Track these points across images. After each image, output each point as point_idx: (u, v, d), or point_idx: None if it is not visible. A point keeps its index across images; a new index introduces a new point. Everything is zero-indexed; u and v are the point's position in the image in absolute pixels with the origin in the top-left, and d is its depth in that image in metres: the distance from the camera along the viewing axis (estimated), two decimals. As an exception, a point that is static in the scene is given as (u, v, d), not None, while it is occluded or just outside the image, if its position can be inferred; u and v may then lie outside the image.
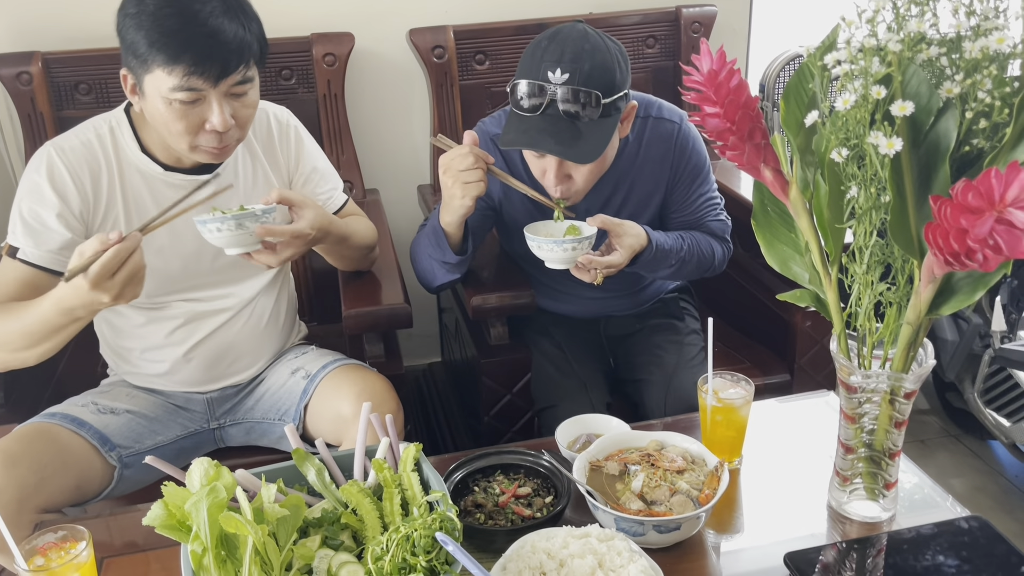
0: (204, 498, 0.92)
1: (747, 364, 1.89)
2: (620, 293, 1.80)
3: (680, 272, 1.66)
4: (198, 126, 1.35)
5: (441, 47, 2.11)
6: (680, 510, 1.10)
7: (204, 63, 1.28)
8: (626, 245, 1.50)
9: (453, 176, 1.43)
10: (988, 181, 0.73)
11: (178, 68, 1.28)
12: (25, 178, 1.42)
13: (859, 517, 1.17)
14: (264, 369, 1.64)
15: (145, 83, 1.33)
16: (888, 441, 1.11)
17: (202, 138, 1.36)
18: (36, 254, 1.38)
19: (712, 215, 1.71)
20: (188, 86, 1.29)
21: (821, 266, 1.07)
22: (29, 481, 1.30)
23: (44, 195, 1.39)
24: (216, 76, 1.30)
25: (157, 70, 1.29)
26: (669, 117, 1.66)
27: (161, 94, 1.31)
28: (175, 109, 1.32)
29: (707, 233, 1.70)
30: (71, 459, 1.38)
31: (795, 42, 2.55)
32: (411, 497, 1.05)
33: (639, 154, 1.64)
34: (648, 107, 1.66)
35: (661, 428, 1.37)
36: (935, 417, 2.51)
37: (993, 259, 0.77)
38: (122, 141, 1.45)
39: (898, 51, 0.87)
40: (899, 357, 1.05)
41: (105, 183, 1.43)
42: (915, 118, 0.90)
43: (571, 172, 1.51)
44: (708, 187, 1.71)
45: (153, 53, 1.28)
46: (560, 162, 1.48)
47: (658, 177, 1.67)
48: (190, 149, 1.38)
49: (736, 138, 1.02)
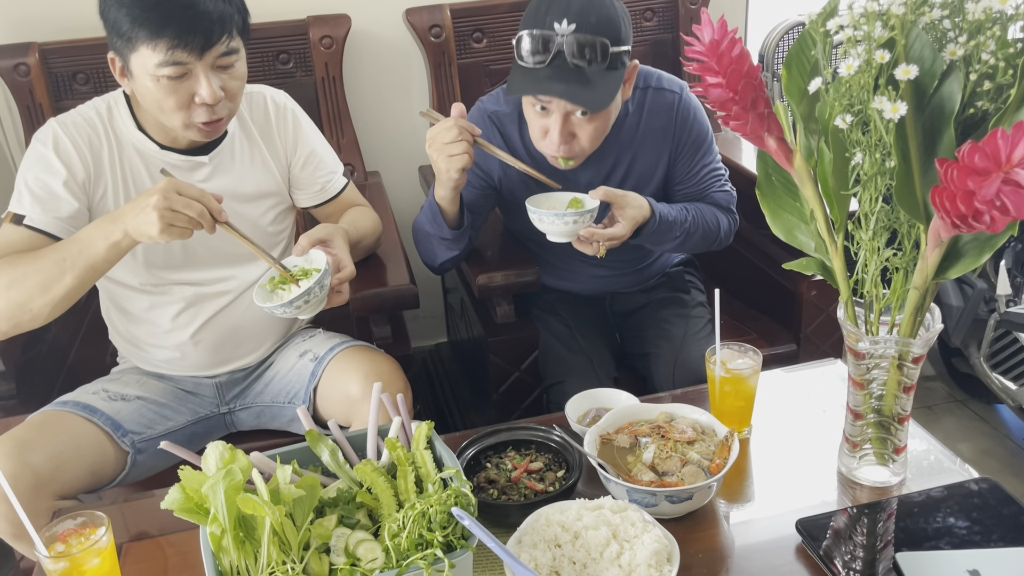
0: (221, 481, 0.93)
1: (753, 335, 1.90)
2: (625, 271, 1.80)
3: (685, 244, 1.64)
4: (188, 101, 1.35)
5: (438, 26, 2.10)
6: (691, 480, 1.11)
7: (187, 35, 1.29)
8: (628, 216, 1.50)
9: (438, 148, 1.43)
10: (994, 142, 0.73)
11: (162, 43, 1.29)
12: (31, 151, 1.42)
13: (869, 482, 1.18)
14: (271, 352, 1.65)
15: (132, 63, 1.33)
16: (897, 406, 1.12)
17: (194, 113, 1.37)
18: (44, 220, 1.38)
19: (717, 186, 1.70)
20: (173, 60, 1.30)
21: (827, 234, 1.07)
22: (45, 468, 1.31)
23: (51, 164, 1.40)
24: (200, 48, 1.31)
25: (142, 47, 1.30)
26: (669, 87, 1.64)
27: (148, 71, 1.32)
28: (163, 85, 1.32)
29: (712, 204, 1.69)
30: (85, 445, 1.39)
31: (793, 11, 2.53)
32: (425, 475, 1.06)
33: (640, 126, 1.64)
34: (648, 78, 1.65)
35: (670, 400, 1.37)
36: (941, 383, 2.52)
37: (1000, 220, 0.77)
38: (119, 120, 1.46)
39: (901, 14, 0.87)
40: (906, 322, 1.05)
41: (106, 157, 1.44)
42: (919, 82, 0.90)
43: (575, 130, 1.49)
44: (712, 158, 1.69)
45: (136, 29, 1.29)
46: (565, 118, 1.46)
47: (660, 148, 1.65)
48: (184, 126, 1.38)
49: (739, 108, 1.02)
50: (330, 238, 1.44)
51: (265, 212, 1.58)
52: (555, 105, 1.45)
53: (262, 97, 1.56)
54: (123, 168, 1.45)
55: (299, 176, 1.61)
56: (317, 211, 1.68)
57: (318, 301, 1.36)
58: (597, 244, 1.49)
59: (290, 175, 1.61)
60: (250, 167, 1.54)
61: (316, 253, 1.41)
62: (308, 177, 1.61)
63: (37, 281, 1.30)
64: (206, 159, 1.49)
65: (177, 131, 1.41)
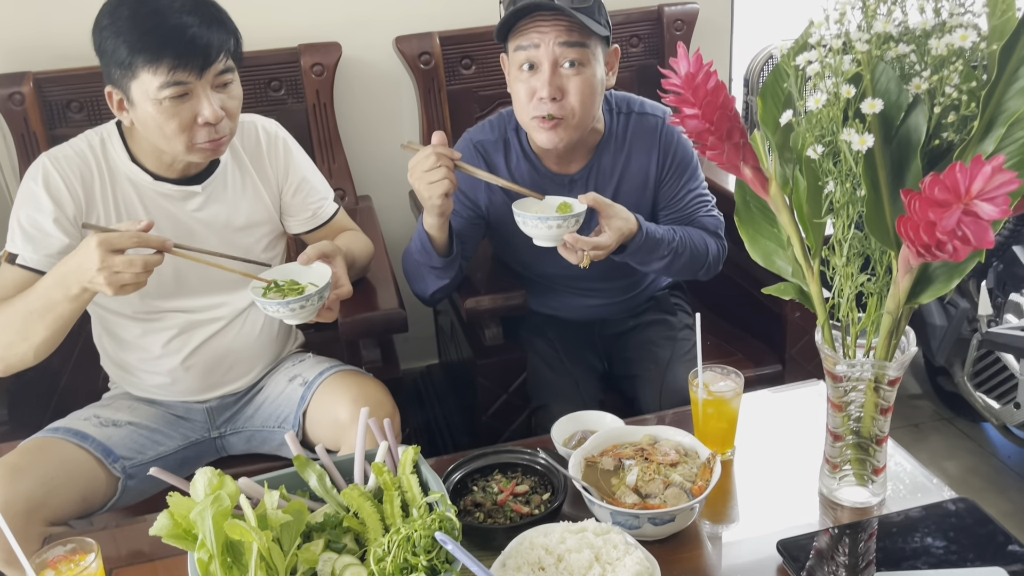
0: (209, 507, 0.95)
1: (739, 356, 1.92)
2: (614, 299, 1.82)
3: (673, 266, 1.63)
4: (191, 122, 1.37)
5: (428, 53, 2.13)
6: (674, 502, 1.13)
7: (186, 56, 1.32)
8: (615, 227, 1.50)
9: (418, 177, 1.45)
10: (953, 175, 0.76)
11: (163, 65, 1.31)
12: (22, 187, 1.45)
13: (849, 503, 1.20)
14: (262, 377, 1.67)
15: (132, 91, 1.35)
16: (875, 428, 1.14)
17: (197, 133, 1.39)
18: (35, 259, 1.41)
19: (704, 211, 1.71)
20: (174, 80, 1.32)
21: (803, 259, 1.10)
22: (36, 494, 1.32)
23: (40, 202, 1.42)
24: (200, 67, 1.34)
25: (142, 73, 1.33)
26: (652, 112, 1.68)
27: (150, 96, 1.34)
28: (165, 108, 1.34)
29: (700, 228, 1.69)
30: (76, 471, 1.41)
31: (778, 36, 2.57)
32: (411, 499, 1.07)
33: (624, 149, 1.67)
34: (631, 103, 1.69)
35: (654, 422, 1.39)
36: (927, 401, 2.55)
37: (962, 249, 0.79)
38: (112, 152, 1.48)
39: (866, 51, 0.90)
40: (881, 345, 1.08)
41: (97, 191, 1.46)
42: (885, 114, 0.93)
43: (564, 84, 1.51)
44: (698, 183, 1.72)
45: (135, 55, 1.31)
46: (553, 69, 1.49)
47: (646, 171, 1.68)
48: (187, 149, 1.40)
49: (715, 138, 1.05)
50: (333, 255, 1.45)
51: (258, 240, 1.60)
52: (543, 52, 1.49)
53: (253, 127, 1.59)
54: (116, 200, 1.47)
55: (290, 203, 1.63)
56: (308, 236, 1.70)
57: (312, 310, 1.36)
58: (582, 253, 1.49)
59: (281, 202, 1.63)
60: (242, 196, 1.57)
61: (320, 266, 1.42)
62: (299, 204, 1.64)
63: (15, 330, 1.34)
64: (199, 188, 1.51)
65: (179, 156, 1.42)
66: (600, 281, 1.75)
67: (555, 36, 1.48)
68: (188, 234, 1.51)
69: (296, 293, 1.37)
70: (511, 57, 1.55)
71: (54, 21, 2.00)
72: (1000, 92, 0.88)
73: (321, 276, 1.39)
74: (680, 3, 2.27)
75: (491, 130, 1.69)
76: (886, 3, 0.94)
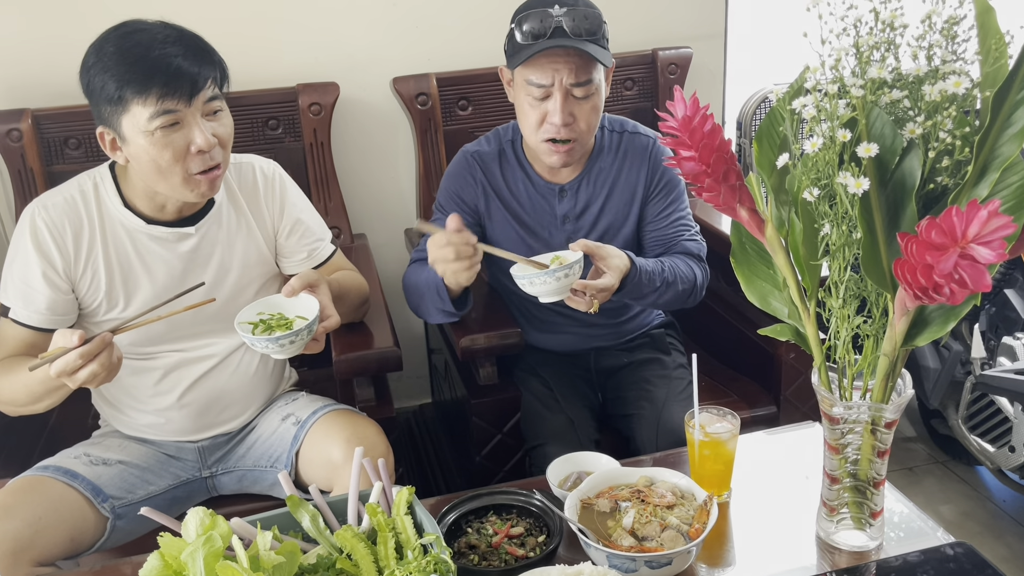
0: (200, 547, 0.93)
1: (734, 397, 1.92)
2: (606, 322, 1.84)
3: (664, 296, 1.65)
4: (184, 151, 1.37)
5: (424, 94, 2.16)
6: (671, 545, 1.12)
7: (174, 83, 1.33)
8: (613, 267, 1.52)
9: (442, 267, 1.47)
10: (950, 219, 0.77)
11: (151, 95, 1.32)
12: (13, 239, 1.47)
13: (847, 547, 1.19)
14: (255, 416, 1.65)
15: (123, 126, 1.36)
16: (872, 470, 1.14)
17: (191, 163, 1.38)
18: (25, 315, 1.44)
19: (688, 235, 1.76)
20: (164, 109, 1.33)
21: (799, 301, 1.10)
22: (24, 534, 1.30)
23: (28, 257, 1.43)
24: (188, 94, 1.35)
25: (132, 106, 1.33)
26: (645, 133, 1.78)
27: (141, 128, 1.34)
28: (158, 139, 1.35)
29: (684, 253, 1.74)
30: (65, 511, 1.38)
31: (770, 79, 2.62)
32: (405, 540, 1.06)
33: (615, 164, 1.75)
34: (624, 124, 1.78)
35: (650, 464, 1.38)
36: (922, 444, 2.54)
37: (959, 292, 0.80)
38: (105, 196, 1.48)
39: (860, 96, 0.91)
40: (878, 388, 1.08)
41: (86, 238, 1.46)
42: (881, 158, 0.94)
43: (574, 109, 1.59)
44: (684, 208, 1.78)
45: (124, 88, 1.33)
46: (565, 96, 1.57)
47: (635, 186, 1.75)
48: (183, 182, 1.40)
49: (712, 180, 1.06)
50: (317, 283, 1.44)
51: (251, 281, 1.59)
52: (557, 79, 1.56)
53: (251, 167, 1.59)
54: (107, 246, 1.47)
55: (284, 244, 1.63)
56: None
57: (300, 344, 1.36)
58: (589, 298, 1.51)
59: (276, 244, 1.63)
60: (236, 236, 1.56)
61: (307, 297, 1.41)
62: (294, 245, 1.63)
63: (24, 395, 1.37)
64: (192, 230, 1.51)
65: (176, 192, 1.42)
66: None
67: (567, 75, 1.56)
68: (180, 276, 1.51)
69: (284, 328, 1.36)
70: (520, 79, 1.61)
71: (53, 58, 2.02)
72: (993, 137, 0.90)
73: (309, 308, 1.39)
74: (674, 47, 2.30)
75: (487, 143, 1.77)
76: (879, 50, 0.96)
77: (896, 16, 0.94)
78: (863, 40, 0.94)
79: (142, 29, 1.37)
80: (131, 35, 1.35)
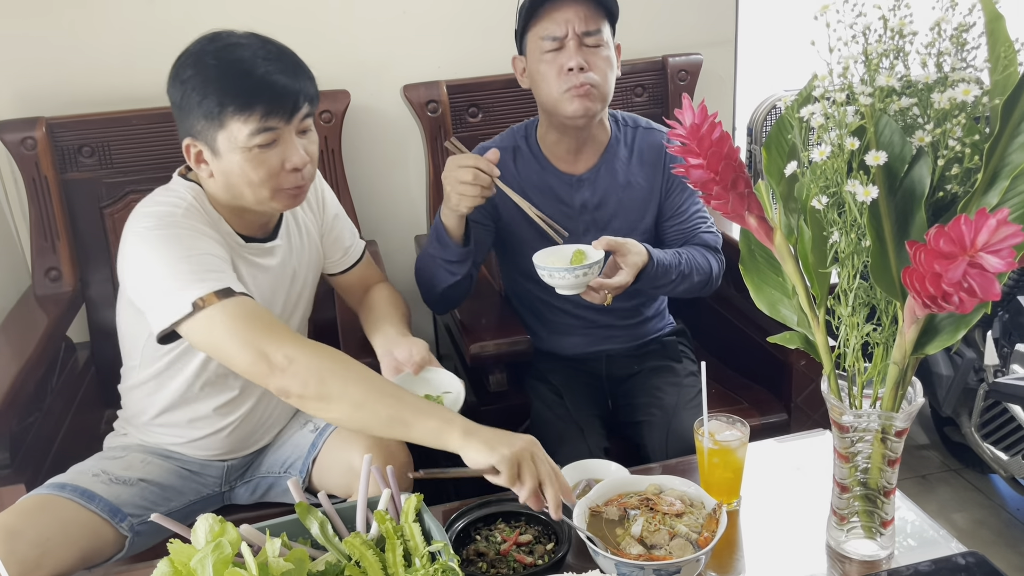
0: (210, 554, 0.94)
1: (745, 405, 1.91)
2: (617, 318, 1.85)
3: (680, 286, 1.70)
4: (278, 169, 1.35)
5: (435, 102, 2.16)
6: (679, 553, 1.11)
7: (277, 102, 1.31)
8: (631, 263, 1.57)
9: (452, 183, 1.52)
10: (959, 228, 0.76)
11: (255, 113, 1.30)
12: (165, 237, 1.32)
13: (857, 556, 1.18)
14: (281, 430, 1.65)
15: (219, 141, 1.33)
16: (882, 479, 1.13)
17: (283, 180, 1.37)
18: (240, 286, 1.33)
19: (704, 227, 1.80)
20: (265, 127, 1.31)
21: (808, 308, 1.10)
22: (30, 556, 1.27)
23: (206, 232, 1.36)
24: (289, 113, 1.33)
25: (232, 122, 1.31)
26: (658, 128, 1.81)
27: (239, 144, 1.32)
28: (254, 156, 1.33)
29: (701, 245, 1.78)
30: (76, 532, 1.35)
31: (781, 85, 2.61)
32: (413, 548, 1.06)
33: (631, 158, 1.78)
34: (637, 120, 1.82)
35: (659, 471, 1.38)
36: (935, 452, 2.52)
37: (968, 301, 0.79)
38: (210, 215, 1.42)
39: (869, 104, 0.91)
40: (888, 396, 1.07)
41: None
42: (890, 166, 0.94)
43: (588, 58, 1.62)
44: (698, 200, 1.81)
45: (226, 106, 1.30)
46: (579, 44, 1.61)
47: (651, 182, 1.78)
48: (271, 195, 1.37)
49: (720, 188, 1.05)
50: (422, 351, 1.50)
51: (311, 285, 1.61)
52: (569, 28, 1.61)
53: None
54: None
55: (326, 243, 1.64)
56: (340, 279, 1.70)
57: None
58: (604, 292, 1.56)
59: (321, 243, 1.64)
60: (302, 244, 1.57)
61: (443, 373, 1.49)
62: (333, 242, 1.64)
63: (381, 420, 1.24)
64: (278, 241, 1.50)
65: (263, 203, 1.39)
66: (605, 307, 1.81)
67: (577, 23, 1.61)
68: (269, 292, 1.49)
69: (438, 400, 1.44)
70: (533, 44, 1.66)
71: (68, 67, 2.03)
72: (1003, 146, 0.89)
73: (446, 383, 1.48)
74: (684, 54, 2.30)
75: (501, 140, 1.80)
76: (888, 57, 0.95)
77: (905, 24, 0.94)
78: (872, 48, 0.94)
79: (241, 44, 1.34)
80: (231, 49, 1.33)
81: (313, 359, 1.25)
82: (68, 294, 1.96)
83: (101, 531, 1.39)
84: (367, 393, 1.23)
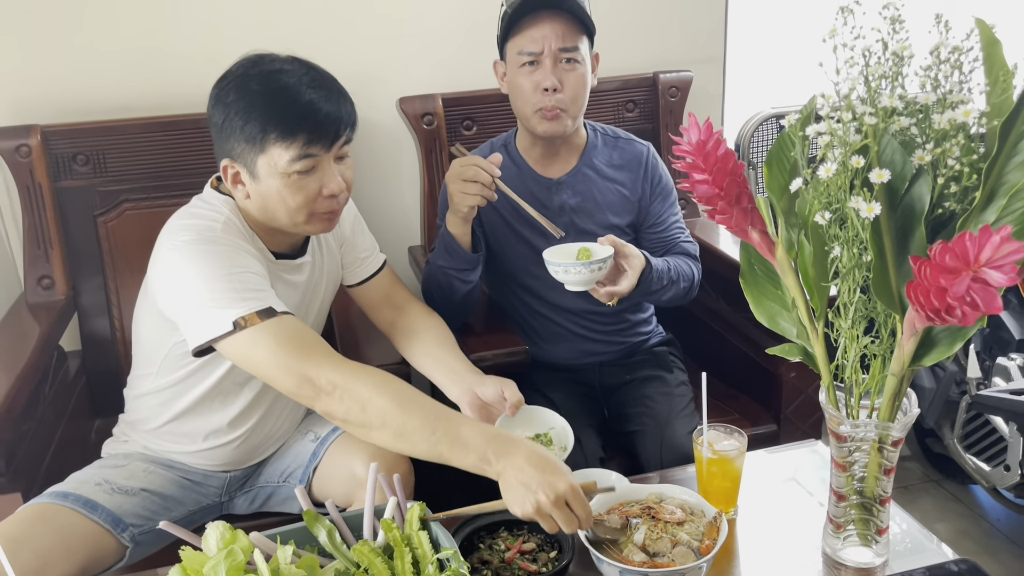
0: (223, 561, 0.95)
1: (735, 415, 1.94)
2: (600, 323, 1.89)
3: (668, 292, 1.75)
4: (316, 194, 1.36)
5: (430, 114, 2.18)
6: (682, 561, 1.14)
7: (320, 130, 1.32)
8: (634, 266, 1.62)
9: (455, 182, 1.59)
10: (963, 244, 0.80)
11: (297, 140, 1.31)
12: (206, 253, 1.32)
13: (854, 563, 1.21)
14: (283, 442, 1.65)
15: (258, 165, 1.33)
16: (878, 488, 1.16)
17: (320, 205, 1.37)
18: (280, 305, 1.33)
19: (684, 236, 1.88)
20: (306, 154, 1.32)
21: (808, 321, 1.13)
22: (31, 566, 1.26)
23: (245, 248, 1.36)
24: (331, 140, 1.34)
25: (273, 148, 1.31)
26: (639, 141, 1.87)
27: (279, 170, 1.32)
28: (293, 182, 1.33)
29: (682, 254, 1.84)
30: (76, 543, 1.34)
31: (768, 102, 2.66)
32: (422, 556, 1.08)
33: (610, 163, 1.84)
34: (617, 132, 1.88)
35: (658, 480, 1.40)
36: (916, 463, 2.57)
37: (971, 314, 0.83)
38: (247, 231, 1.43)
39: (873, 123, 0.94)
40: (885, 407, 1.10)
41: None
42: (891, 184, 0.97)
43: (562, 77, 1.66)
44: (677, 211, 1.89)
45: (268, 132, 1.30)
46: (555, 62, 1.65)
47: (631, 189, 1.83)
48: (307, 220, 1.38)
49: (725, 203, 1.09)
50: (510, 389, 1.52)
51: (331, 295, 1.63)
52: (546, 45, 1.65)
53: None
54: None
55: (348, 249, 1.65)
56: (362, 293, 1.69)
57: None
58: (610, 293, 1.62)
59: (341, 253, 1.65)
60: (325, 258, 1.58)
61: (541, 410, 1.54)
62: (351, 252, 1.65)
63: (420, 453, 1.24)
64: (306, 257, 1.51)
65: (297, 227, 1.39)
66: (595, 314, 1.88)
67: (554, 40, 1.65)
68: (302, 305, 1.51)
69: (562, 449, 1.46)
70: (512, 56, 1.70)
71: (63, 75, 2.03)
72: (1000, 165, 0.93)
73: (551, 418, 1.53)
74: (675, 70, 2.34)
75: (480, 151, 1.85)
76: (888, 79, 0.99)
77: (904, 47, 0.97)
78: (872, 70, 0.98)
79: (285, 70, 1.34)
80: (275, 76, 1.33)
81: (356, 385, 1.25)
82: (60, 302, 1.95)
83: (102, 541, 1.38)
84: (405, 423, 1.22)
